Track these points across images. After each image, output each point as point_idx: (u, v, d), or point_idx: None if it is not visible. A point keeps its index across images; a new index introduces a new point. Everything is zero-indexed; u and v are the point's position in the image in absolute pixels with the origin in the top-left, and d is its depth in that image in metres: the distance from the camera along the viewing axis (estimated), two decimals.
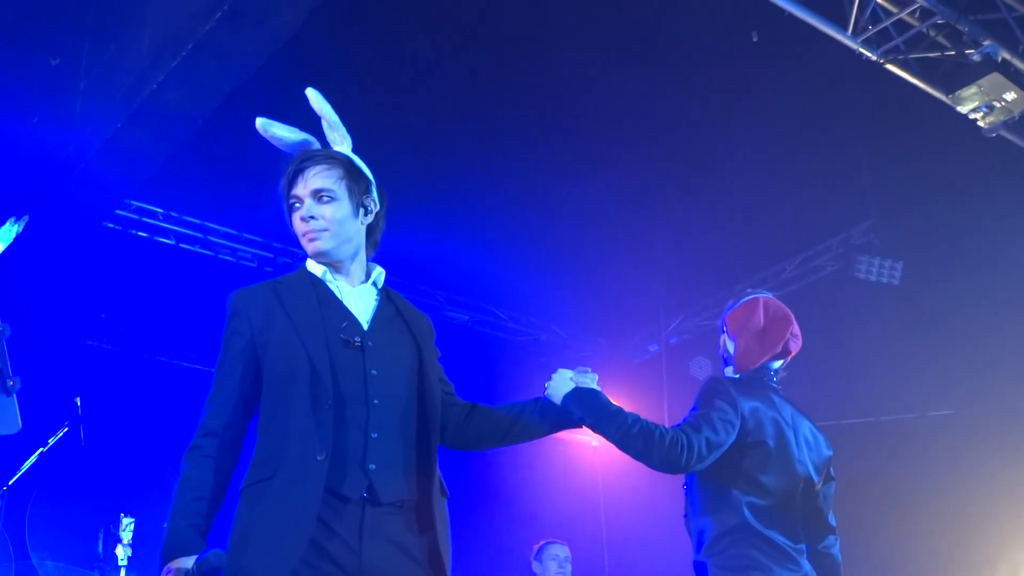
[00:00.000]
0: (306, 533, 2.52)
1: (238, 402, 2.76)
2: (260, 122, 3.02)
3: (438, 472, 2.82)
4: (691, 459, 3.49)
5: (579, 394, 3.22)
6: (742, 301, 4.12)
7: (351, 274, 2.94)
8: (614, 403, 3.37)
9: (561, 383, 3.25)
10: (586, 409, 3.23)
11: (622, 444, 3.42)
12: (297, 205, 2.89)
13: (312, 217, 2.86)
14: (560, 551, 7.34)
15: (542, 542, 7.46)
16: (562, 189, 8.54)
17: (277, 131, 3.01)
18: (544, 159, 8.19)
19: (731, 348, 4.04)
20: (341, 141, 3.03)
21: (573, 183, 8.46)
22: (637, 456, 3.46)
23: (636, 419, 3.44)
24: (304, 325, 2.75)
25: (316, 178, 2.88)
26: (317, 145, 3.02)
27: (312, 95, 3.03)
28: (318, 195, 2.87)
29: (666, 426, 3.54)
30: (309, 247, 2.89)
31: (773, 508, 3.67)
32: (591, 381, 3.28)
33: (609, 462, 10.58)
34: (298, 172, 2.90)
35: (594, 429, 3.35)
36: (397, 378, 2.80)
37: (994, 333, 8.09)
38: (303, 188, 2.88)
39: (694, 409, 3.74)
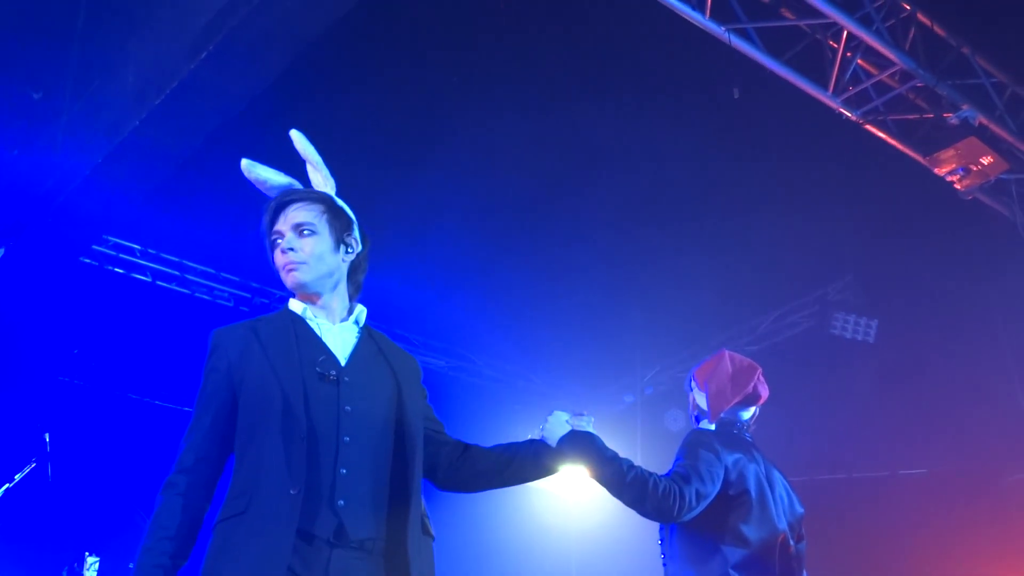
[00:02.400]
0: (278, 574, 2.48)
1: (213, 438, 2.74)
2: (245, 163, 3.03)
3: (421, 511, 2.77)
4: (682, 510, 3.51)
5: (575, 437, 3.20)
6: (706, 358, 4.18)
7: (332, 311, 2.93)
8: (609, 448, 3.36)
9: (557, 426, 3.23)
10: (581, 453, 3.21)
11: (616, 490, 3.42)
12: (279, 240, 2.90)
13: (292, 249, 2.87)
14: None
15: None
16: (540, 239, 8.56)
17: (262, 173, 3.03)
18: (522, 210, 8.21)
19: (702, 400, 4.07)
20: (324, 183, 3.05)
21: (552, 233, 8.49)
22: (630, 503, 3.46)
23: (631, 466, 3.44)
24: (280, 360, 2.74)
25: (297, 212, 2.91)
26: (301, 188, 3.04)
27: (296, 137, 3.05)
28: (299, 229, 2.89)
29: (659, 475, 3.54)
30: (288, 279, 2.89)
31: (755, 561, 3.68)
32: (587, 424, 3.27)
33: (581, 512, 10.53)
34: (279, 208, 2.93)
35: (589, 473, 3.34)
36: (373, 415, 2.77)
37: (968, 393, 8.12)
38: (284, 223, 2.90)
39: (678, 460, 3.76)
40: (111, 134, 6.24)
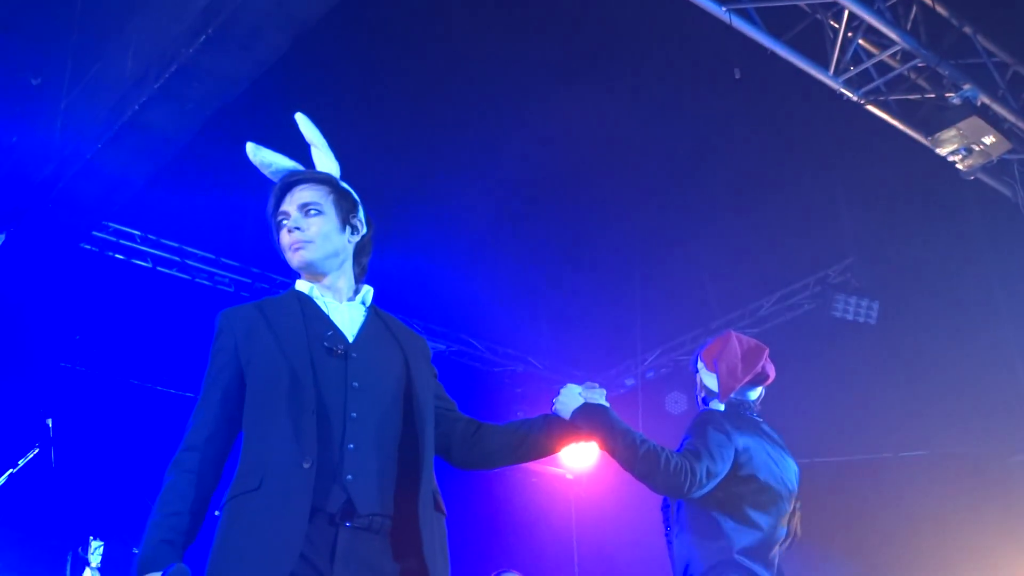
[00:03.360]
0: (295, 550, 2.47)
1: (221, 416, 2.73)
2: (250, 147, 3.03)
3: (433, 488, 2.76)
4: (692, 486, 3.52)
5: (588, 410, 3.19)
6: (711, 339, 4.18)
7: (339, 291, 2.93)
8: (622, 421, 3.36)
9: (570, 398, 3.22)
10: (594, 425, 3.20)
11: (628, 463, 3.41)
12: (284, 221, 2.90)
13: (298, 228, 2.87)
14: None
15: (494, 573, 7.48)
16: (542, 224, 8.56)
17: (267, 156, 3.02)
18: (526, 196, 8.20)
19: (711, 381, 4.06)
20: (330, 166, 3.06)
21: (553, 218, 8.48)
22: (640, 477, 3.46)
23: (644, 440, 3.44)
24: (287, 336, 2.74)
25: (303, 192, 2.91)
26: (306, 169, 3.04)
27: (301, 120, 3.06)
28: (305, 208, 2.89)
29: (671, 451, 3.54)
30: (294, 258, 2.89)
31: (759, 542, 3.69)
32: (599, 397, 3.25)
33: (583, 495, 10.55)
34: (285, 188, 2.93)
35: (602, 446, 3.34)
36: (381, 391, 2.76)
37: (969, 375, 8.12)
38: (290, 204, 2.91)
39: (688, 438, 3.76)
40: (110, 119, 6.22)
